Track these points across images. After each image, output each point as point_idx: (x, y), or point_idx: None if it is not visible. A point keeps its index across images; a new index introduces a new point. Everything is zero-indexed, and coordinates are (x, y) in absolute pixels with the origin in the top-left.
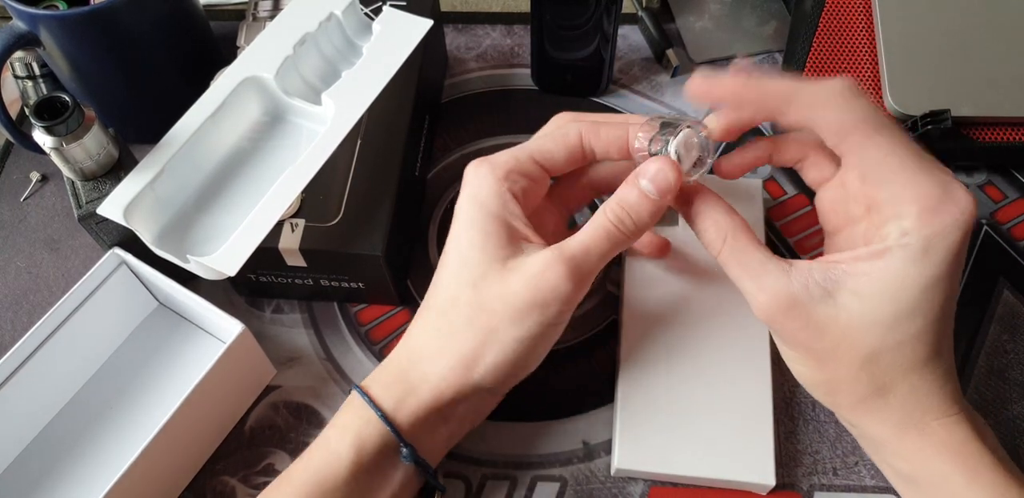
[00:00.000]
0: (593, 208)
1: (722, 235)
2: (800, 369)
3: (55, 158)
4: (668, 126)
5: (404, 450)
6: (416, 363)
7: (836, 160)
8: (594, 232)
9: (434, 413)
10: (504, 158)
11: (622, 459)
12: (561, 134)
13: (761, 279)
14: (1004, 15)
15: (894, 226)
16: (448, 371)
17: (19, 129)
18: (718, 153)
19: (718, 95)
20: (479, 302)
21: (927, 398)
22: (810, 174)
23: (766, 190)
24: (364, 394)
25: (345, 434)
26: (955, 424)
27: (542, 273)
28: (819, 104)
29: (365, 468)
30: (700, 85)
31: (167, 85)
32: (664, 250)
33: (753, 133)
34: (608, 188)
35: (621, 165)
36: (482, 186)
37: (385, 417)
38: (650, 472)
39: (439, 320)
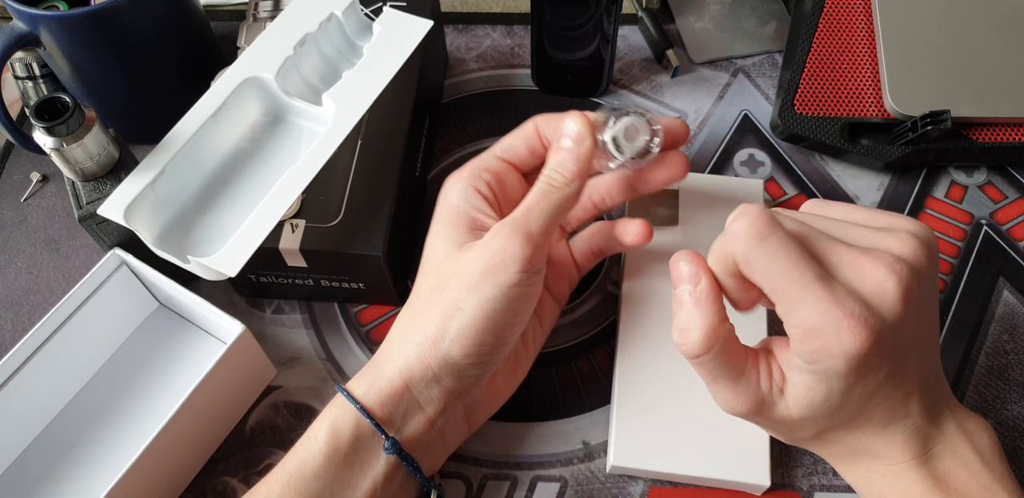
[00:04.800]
0: None
1: (706, 347)
2: (776, 434)
3: (55, 159)
4: (616, 114)
5: (386, 442)
6: (386, 350)
7: None
8: (532, 195)
9: (403, 393)
10: (471, 162)
11: (617, 457)
12: (520, 128)
13: (735, 390)
14: (1004, 16)
15: (788, 354)
16: (413, 348)
17: (20, 130)
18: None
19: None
20: (440, 282)
21: (878, 458)
22: None
23: (766, 191)
24: (339, 386)
25: (323, 422)
26: (903, 473)
27: (491, 240)
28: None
29: (342, 454)
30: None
31: (167, 85)
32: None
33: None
34: (608, 198)
35: (612, 177)
36: (450, 188)
37: (351, 397)
38: (645, 470)
39: (409, 309)
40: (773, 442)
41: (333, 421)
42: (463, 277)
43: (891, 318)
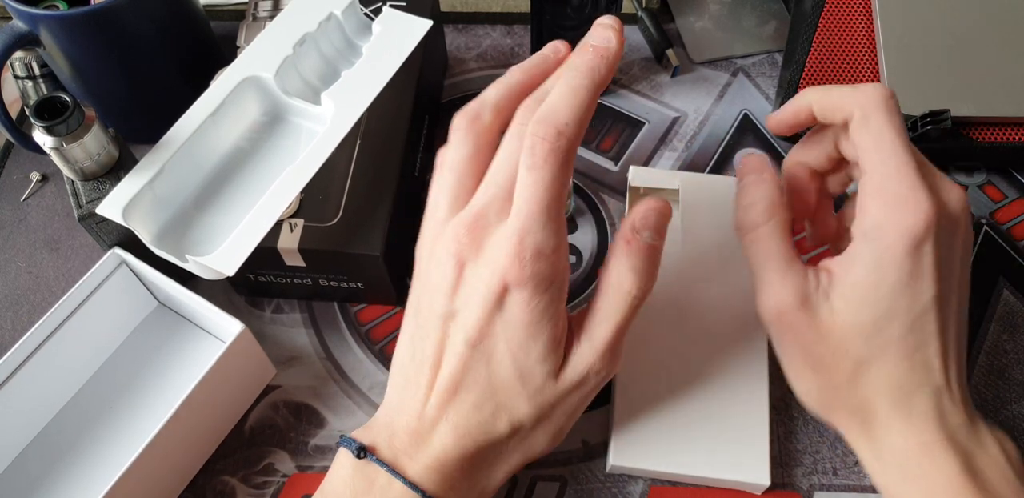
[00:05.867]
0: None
1: (767, 217)
2: (796, 374)
3: (55, 158)
4: None
5: None
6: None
7: None
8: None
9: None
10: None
11: (617, 456)
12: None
13: (785, 274)
14: (1004, 15)
15: (856, 226)
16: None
17: (19, 129)
18: None
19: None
20: (542, 411)
21: (909, 421)
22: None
23: None
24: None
25: None
26: (936, 452)
27: (578, 367)
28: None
29: None
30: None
31: (167, 85)
32: None
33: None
34: None
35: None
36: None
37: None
38: (645, 470)
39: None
40: (774, 440)
41: None
42: (564, 406)
43: (950, 228)
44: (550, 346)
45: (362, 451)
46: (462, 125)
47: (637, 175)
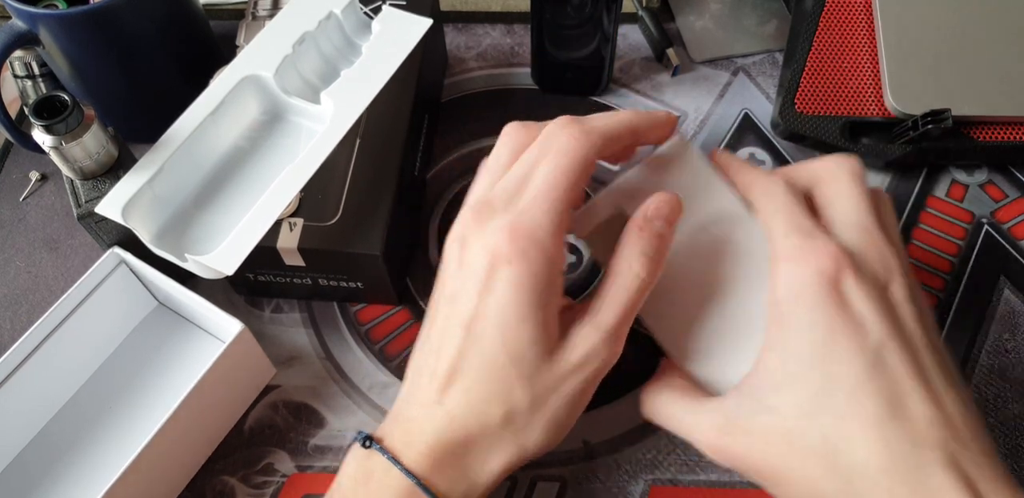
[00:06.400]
0: None
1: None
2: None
3: (54, 157)
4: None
5: None
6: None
7: None
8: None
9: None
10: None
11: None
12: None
13: (699, 415)
14: (1004, 15)
15: (773, 283)
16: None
17: (18, 128)
18: None
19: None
20: (537, 395)
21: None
22: None
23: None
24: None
25: None
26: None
27: (579, 348)
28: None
29: None
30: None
31: (166, 84)
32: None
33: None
34: None
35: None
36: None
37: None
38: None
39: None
40: None
41: None
42: (561, 392)
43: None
44: (541, 327)
45: (368, 440)
46: (510, 130)
47: None
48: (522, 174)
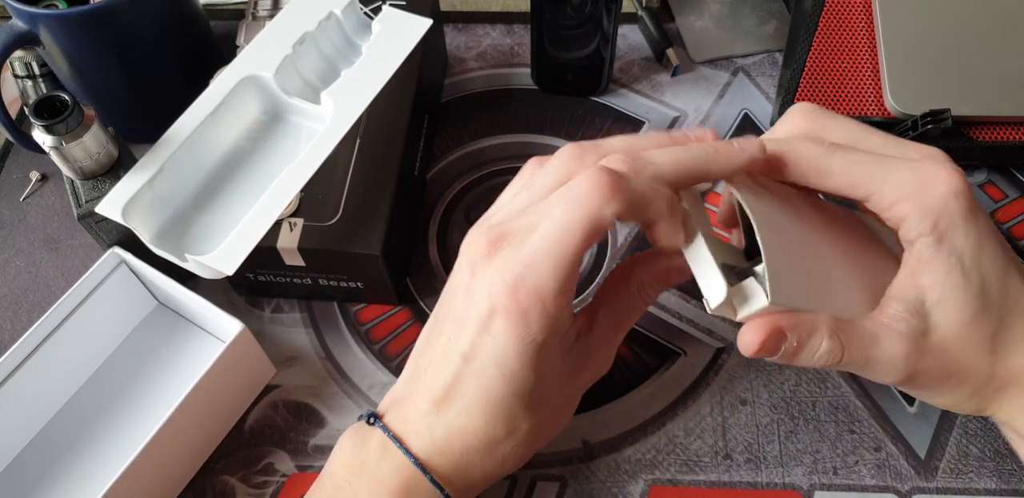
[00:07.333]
0: None
1: (839, 344)
2: (939, 395)
3: (55, 157)
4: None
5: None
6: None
7: None
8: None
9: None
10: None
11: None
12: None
13: (879, 350)
14: (1004, 15)
15: (905, 228)
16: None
17: (19, 128)
18: None
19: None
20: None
21: None
22: None
23: None
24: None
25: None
26: None
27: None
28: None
29: None
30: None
31: (166, 84)
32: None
33: None
34: None
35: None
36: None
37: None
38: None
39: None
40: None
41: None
42: (567, 409)
43: (960, 205)
44: (537, 375)
45: (373, 417)
46: (566, 155)
47: None
48: (546, 210)
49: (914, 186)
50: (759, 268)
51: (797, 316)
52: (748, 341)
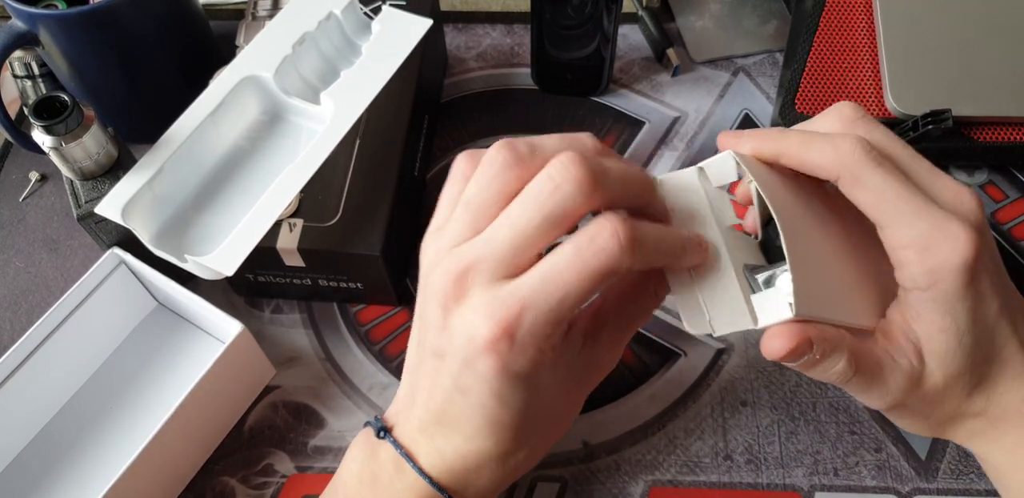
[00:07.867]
0: None
1: (852, 367)
2: (910, 424)
3: (54, 158)
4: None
5: None
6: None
7: None
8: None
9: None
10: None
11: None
12: None
13: (880, 379)
14: (1004, 15)
15: (903, 274)
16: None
17: (18, 129)
18: None
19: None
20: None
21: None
22: None
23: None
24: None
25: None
26: None
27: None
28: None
29: None
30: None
31: (166, 85)
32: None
33: None
34: None
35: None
36: None
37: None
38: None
39: None
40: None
41: None
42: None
43: (985, 235)
44: (532, 407)
45: (382, 431)
46: (498, 164)
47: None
48: (514, 235)
49: (928, 241)
50: (780, 279)
51: (823, 330)
52: (776, 347)
